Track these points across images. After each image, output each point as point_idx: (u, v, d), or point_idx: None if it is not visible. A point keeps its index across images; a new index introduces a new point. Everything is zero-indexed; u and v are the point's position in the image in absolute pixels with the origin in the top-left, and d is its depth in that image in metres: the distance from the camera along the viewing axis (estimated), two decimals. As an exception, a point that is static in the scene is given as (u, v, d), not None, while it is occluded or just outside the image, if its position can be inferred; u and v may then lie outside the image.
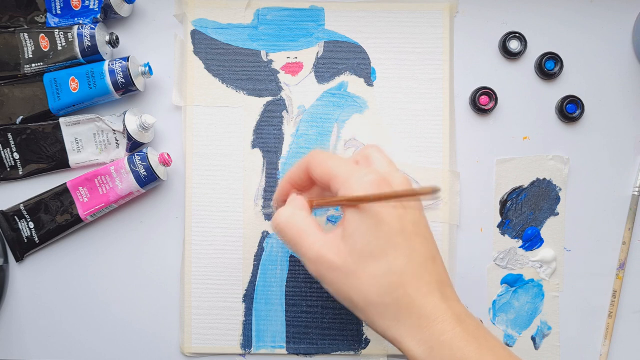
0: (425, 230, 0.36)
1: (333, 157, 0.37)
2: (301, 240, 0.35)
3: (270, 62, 0.49)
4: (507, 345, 0.48)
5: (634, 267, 0.49)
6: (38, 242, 0.47)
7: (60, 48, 0.46)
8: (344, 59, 0.49)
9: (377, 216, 0.33)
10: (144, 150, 0.46)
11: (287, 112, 0.49)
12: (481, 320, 0.47)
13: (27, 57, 0.46)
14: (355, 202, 0.34)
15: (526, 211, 0.49)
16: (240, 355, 0.48)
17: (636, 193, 0.48)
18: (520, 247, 0.49)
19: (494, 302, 0.48)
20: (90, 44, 0.45)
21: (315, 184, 0.39)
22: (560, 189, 0.49)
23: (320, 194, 0.41)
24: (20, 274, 0.48)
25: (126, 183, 0.46)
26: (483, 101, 0.48)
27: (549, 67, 0.48)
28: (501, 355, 0.33)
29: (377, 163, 0.37)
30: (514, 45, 0.49)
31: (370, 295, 0.33)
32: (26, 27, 0.47)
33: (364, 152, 0.38)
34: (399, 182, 0.36)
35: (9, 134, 0.47)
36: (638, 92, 0.49)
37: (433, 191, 0.31)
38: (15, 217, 0.47)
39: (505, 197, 0.49)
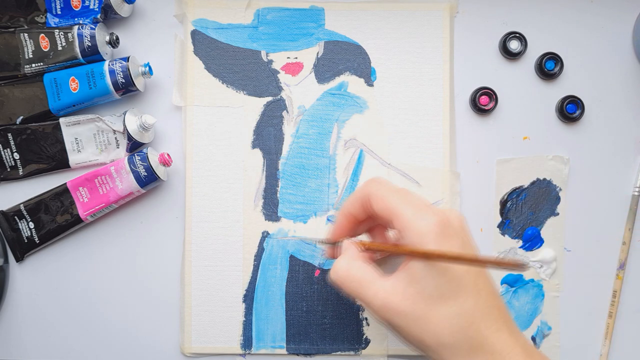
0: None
1: (394, 191, 0.37)
2: (363, 290, 0.36)
3: (270, 62, 0.49)
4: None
5: (634, 267, 0.49)
6: (38, 242, 0.47)
7: (60, 48, 0.46)
8: (344, 59, 0.49)
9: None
10: (144, 150, 0.46)
11: (287, 112, 0.49)
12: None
13: (27, 57, 0.46)
14: (423, 257, 0.34)
15: (526, 211, 0.49)
16: (240, 355, 0.48)
17: (636, 193, 0.48)
18: (520, 247, 0.49)
19: (494, 302, 0.48)
20: (90, 44, 0.45)
21: (372, 217, 0.39)
22: (560, 189, 0.49)
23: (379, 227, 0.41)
24: (20, 274, 0.48)
25: (126, 183, 0.46)
26: (483, 101, 0.48)
27: (549, 67, 0.48)
28: None
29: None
30: (514, 45, 0.49)
31: (443, 336, 0.34)
32: (26, 27, 0.47)
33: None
34: (458, 224, 0.36)
35: (9, 134, 0.47)
36: (638, 92, 0.49)
37: (518, 266, 0.31)
38: (15, 217, 0.47)
39: (505, 197, 0.49)
